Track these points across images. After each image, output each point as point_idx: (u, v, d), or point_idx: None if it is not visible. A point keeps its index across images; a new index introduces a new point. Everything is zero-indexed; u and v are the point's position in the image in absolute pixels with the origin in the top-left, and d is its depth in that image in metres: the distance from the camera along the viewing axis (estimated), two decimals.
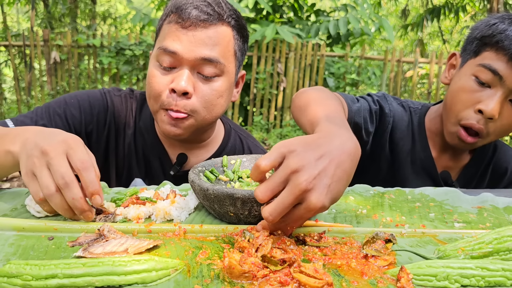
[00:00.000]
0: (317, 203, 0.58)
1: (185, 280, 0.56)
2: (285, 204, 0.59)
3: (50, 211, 0.72)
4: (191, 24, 0.99)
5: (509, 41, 1.01)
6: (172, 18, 1.02)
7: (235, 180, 0.90)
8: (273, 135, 5.65)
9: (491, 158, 1.26)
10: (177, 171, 1.16)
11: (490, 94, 1.04)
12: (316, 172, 0.59)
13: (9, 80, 8.42)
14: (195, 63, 1.01)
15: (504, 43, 1.01)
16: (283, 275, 0.56)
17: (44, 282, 0.53)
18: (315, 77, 5.82)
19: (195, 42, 0.99)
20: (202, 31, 1.00)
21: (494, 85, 1.03)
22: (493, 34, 1.04)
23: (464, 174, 1.25)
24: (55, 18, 8.24)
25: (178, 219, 0.76)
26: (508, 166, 1.26)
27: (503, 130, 1.08)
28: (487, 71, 1.04)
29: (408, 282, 0.55)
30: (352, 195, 0.92)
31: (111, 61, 5.65)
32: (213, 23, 1.01)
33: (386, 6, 11.65)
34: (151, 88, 1.04)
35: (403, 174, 1.25)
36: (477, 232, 0.73)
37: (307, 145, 0.62)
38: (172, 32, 1.01)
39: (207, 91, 1.03)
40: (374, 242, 0.65)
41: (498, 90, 1.03)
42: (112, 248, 0.61)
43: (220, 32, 1.02)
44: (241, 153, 1.25)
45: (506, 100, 1.04)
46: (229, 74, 1.06)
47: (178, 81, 0.99)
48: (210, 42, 1.00)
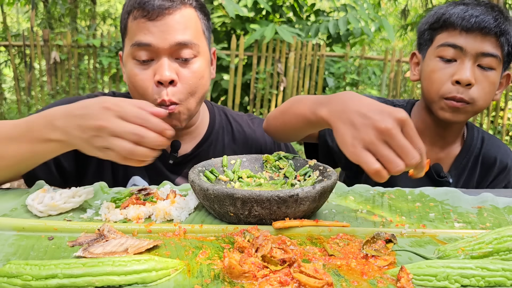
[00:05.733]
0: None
1: (185, 280, 0.56)
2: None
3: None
4: (158, 15, 1.00)
5: (454, 16, 1.11)
6: (136, 14, 1.03)
7: (235, 180, 0.90)
8: None
9: (480, 149, 1.30)
10: (175, 158, 1.17)
11: (459, 65, 1.11)
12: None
13: (9, 80, 8.42)
14: (171, 50, 1.02)
15: (451, 19, 1.12)
16: (283, 275, 0.56)
17: (44, 282, 0.53)
18: (315, 77, 5.82)
19: (166, 30, 1.01)
20: (169, 17, 1.01)
21: (459, 57, 1.11)
22: (439, 18, 1.15)
23: (455, 165, 1.28)
24: (55, 18, 8.24)
25: (178, 219, 0.76)
26: (497, 156, 1.29)
27: (485, 93, 1.12)
28: (447, 48, 1.12)
29: (408, 282, 0.55)
30: (352, 195, 0.92)
31: (111, 61, 5.65)
32: (177, 7, 1.02)
33: (385, 7, 11.64)
34: (136, 86, 1.04)
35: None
36: (477, 232, 0.73)
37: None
38: (141, 27, 1.02)
39: (188, 76, 1.04)
40: (374, 242, 0.65)
41: (465, 60, 1.10)
42: (112, 248, 0.61)
43: (186, 15, 1.04)
44: (229, 127, 1.27)
45: (475, 66, 1.11)
46: (204, 54, 1.09)
47: (161, 72, 1.00)
48: (180, 26, 1.02)
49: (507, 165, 1.28)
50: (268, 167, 0.95)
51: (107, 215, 0.76)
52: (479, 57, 1.10)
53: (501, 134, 5.68)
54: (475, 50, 1.09)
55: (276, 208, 0.71)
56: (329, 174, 0.83)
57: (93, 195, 0.83)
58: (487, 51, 1.09)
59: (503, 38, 1.09)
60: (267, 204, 0.70)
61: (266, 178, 0.92)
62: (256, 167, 0.96)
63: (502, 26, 1.08)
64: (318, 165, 0.90)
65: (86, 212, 0.79)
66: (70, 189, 0.82)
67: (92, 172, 1.14)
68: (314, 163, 0.91)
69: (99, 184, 0.92)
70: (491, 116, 5.73)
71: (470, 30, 1.09)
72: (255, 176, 0.93)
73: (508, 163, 1.29)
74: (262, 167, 0.96)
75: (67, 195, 0.79)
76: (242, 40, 5.51)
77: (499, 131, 5.69)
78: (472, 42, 1.09)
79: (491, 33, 1.08)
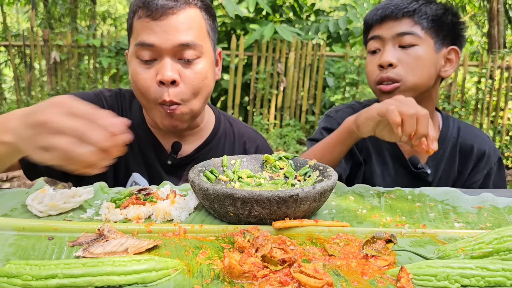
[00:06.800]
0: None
1: (185, 280, 0.56)
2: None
3: (78, 169, 0.66)
4: (162, 14, 1.01)
5: (367, 17, 1.25)
6: (141, 13, 1.03)
7: (235, 180, 0.90)
8: (273, 135, 5.65)
9: (457, 138, 1.32)
10: (174, 159, 1.18)
11: (381, 52, 1.21)
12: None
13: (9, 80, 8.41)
14: (174, 51, 1.02)
15: (367, 21, 1.26)
16: (283, 275, 0.56)
17: (44, 282, 0.53)
18: (315, 77, 5.82)
19: (169, 30, 1.01)
20: (173, 18, 1.01)
21: (381, 45, 1.22)
22: (365, 25, 1.28)
23: (432, 156, 1.30)
24: (55, 18, 8.24)
25: (178, 219, 0.76)
26: (474, 144, 1.31)
27: (411, 69, 1.18)
28: (372, 42, 1.23)
29: (408, 282, 0.55)
30: (352, 195, 0.92)
31: (111, 61, 5.65)
32: (181, 7, 1.02)
33: None
34: (138, 86, 1.05)
35: (373, 169, 1.31)
36: (477, 232, 0.73)
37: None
38: (145, 26, 1.02)
39: (191, 76, 1.04)
40: (374, 242, 0.65)
41: (384, 46, 1.21)
42: (112, 248, 0.61)
43: (190, 16, 1.04)
44: (231, 137, 1.28)
45: (395, 47, 1.19)
46: (208, 54, 1.08)
47: (163, 72, 1.01)
48: (183, 27, 1.02)
49: (485, 152, 1.30)
50: (268, 167, 0.95)
51: (107, 215, 0.76)
52: (397, 39, 1.18)
53: (501, 134, 5.67)
54: (390, 34, 1.19)
55: (276, 208, 0.71)
56: (329, 174, 0.83)
57: (93, 195, 0.83)
58: (401, 30, 1.18)
59: (416, 17, 1.18)
60: (267, 204, 0.70)
61: (266, 178, 0.92)
62: (256, 167, 0.96)
63: (411, 6, 1.18)
64: (318, 165, 0.90)
65: (86, 212, 0.79)
66: (70, 189, 0.82)
67: None
68: (314, 163, 0.91)
69: (99, 184, 0.92)
70: (491, 116, 5.73)
71: (382, 20, 1.20)
72: (255, 176, 0.93)
73: (486, 150, 1.30)
74: (262, 167, 0.96)
75: (67, 195, 0.79)
76: (242, 40, 5.51)
77: (499, 131, 5.69)
78: (386, 29, 1.20)
79: (400, 15, 1.18)
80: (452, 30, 1.22)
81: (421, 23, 1.17)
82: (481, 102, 5.63)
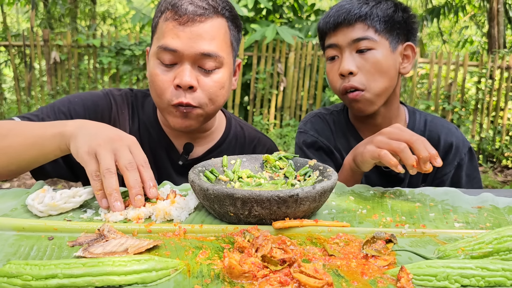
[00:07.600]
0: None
1: (185, 280, 0.56)
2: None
3: (98, 189, 0.79)
4: (188, 20, 1.01)
5: (320, 25, 1.24)
6: (168, 15, 1.03)
7: (235, 180, 0.90)
8: (273, 135, 5.65)
9: (424, 132, 1.32)
10: (185, 160, 1.19)
11: (340, 59, 1.20)
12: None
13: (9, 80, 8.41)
14: (195, 58, 1.02)
15: (319, 27, 1.25)
16: (283, 275, 0.56)
17: (44, 282, 0.53)
18: (315, 77, 5.82)
19: (193, 37, 1.01)
20: (199, 25, 1.01)
21: (338, 53, 1.21)
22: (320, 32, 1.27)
23: None
24: (55, 18, 8.24)
25: (178, 219, 0.76)
26: (440, 135, 1.31)
27: (372, 75, 1.17)
28: (329, 50, 1.23)
29: (408, 282, 0.55)
30: (352, 195, 0.92)
31: (111, 61, 5.65)
32: (209, 16, 1.02)
33: None
34: (155, 87, 1.06)
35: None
36: (477, 232, 0.73)
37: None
38: (170, 30, 1.02)
39: (209, 84, 1.05)
40: (374, 242, 0.65)
41: (342, 53, 1.19)
42: (112, 248, 0.61)
43: (216, 25, 1.04)
44: (242, 140, 1.29)
45: (353, 54, 1.18)
46: (228, 65, 1.09)
47: (182, 77, 1.01)
48: (208, 36, 1.02)
49: (452, 144, 1.29)
50: (268, 167, 0.95)
51: (107, 215, 0.76)
52: (353, 45, 1.17)
53: (501, 134, 5.67)
54: (346, 41, 1.18)
55: (276, 208, 0.71)
56: (329, 174, 0.83)
57: (93, 195, 0.83)
58: (356, 36, 1.17)
59: (368, 21, 1.17)
60: (267, 204, 0.70)
61: (266, 178, 0.92)
62: (256, 167, 0.96)
63: (362, 10, 1.17)
64: (318, 165, 0.90)
65: (86, 212, 0.79)
66: (70, 189, 0.82)
67: None
68: (314, 163, 0.91)
69: None
70: (491, 116, 5.73)
71: (336, 28, 1.20)
72: (255, 176, 0.93)
73: (454, 141, 1.30)
74: (262, 167, 0.96)
75: (67, 195, 0.79)
76: (242, 40, 5.50)
77: (499, 131, 5.69)
78: (341, 36, 1.19)
79: (353, 21, 1.17)
80: (404, 26, 1.22)
81: (374, 26, 1.17)
82: (481, 102, 5.63)
